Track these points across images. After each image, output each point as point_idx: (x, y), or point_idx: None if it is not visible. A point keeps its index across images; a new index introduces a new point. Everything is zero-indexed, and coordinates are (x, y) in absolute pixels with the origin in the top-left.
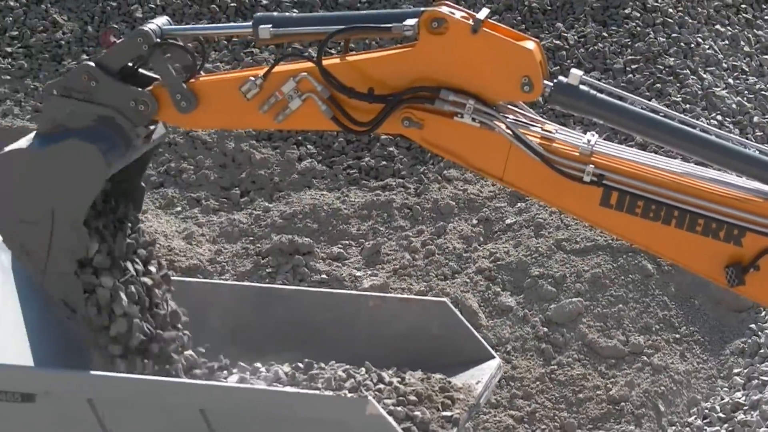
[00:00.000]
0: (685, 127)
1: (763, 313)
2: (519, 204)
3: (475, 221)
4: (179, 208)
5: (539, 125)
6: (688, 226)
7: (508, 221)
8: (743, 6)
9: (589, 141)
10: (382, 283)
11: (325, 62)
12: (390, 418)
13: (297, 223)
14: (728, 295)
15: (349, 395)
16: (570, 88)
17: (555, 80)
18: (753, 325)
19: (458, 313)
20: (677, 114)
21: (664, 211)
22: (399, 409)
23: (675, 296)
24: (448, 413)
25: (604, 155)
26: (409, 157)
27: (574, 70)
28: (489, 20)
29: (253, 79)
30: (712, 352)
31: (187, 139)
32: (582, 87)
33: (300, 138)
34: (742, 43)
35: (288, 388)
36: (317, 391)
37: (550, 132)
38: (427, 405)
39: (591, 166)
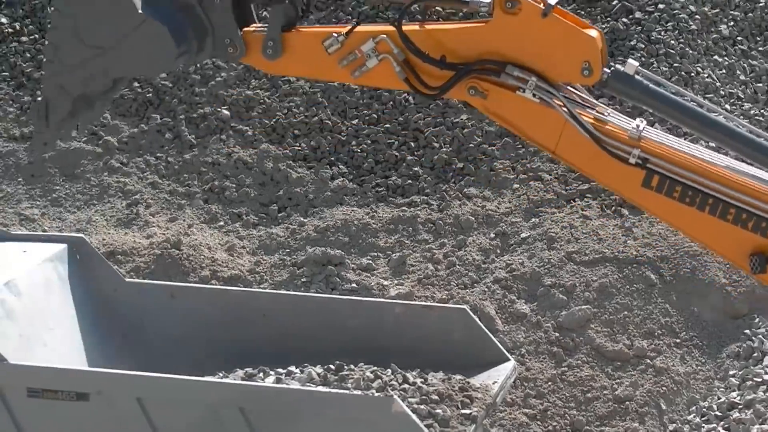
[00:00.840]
0: (728, 124)
1: (757, 319)
2: (533, 219)
3: (492, 235)
4: (222, 223)
5: (594, 108)
6: (720, 213)
7: (523, 235)
8: (739, 38)
9: (638, 126)
10: (408, 292)
11: (404, 27)
12: (414, 416)
13: (329, 236)
14: (725, 303)
15: (376, 394)
16: (626, 76)
17: (612, 68)
18: (747, 331)
19: (477, 319)
20: (723, 111)
21: (700, 198)
22: (422, 407)
23: (676, 304)
24: (467, 411)
25: (650, 140)
26: (432, 176)
27: (630, 61)
28: (558, 6)
29: (336, 35)
30: (709, 355)
31: (229, 160)
32: (637, 77)
33: (333, 159)
34: (738, 72)
35: (320, 388)
36: (347, 391)
37: (602, 114)
38: (447, 403)
39: (637, 150)
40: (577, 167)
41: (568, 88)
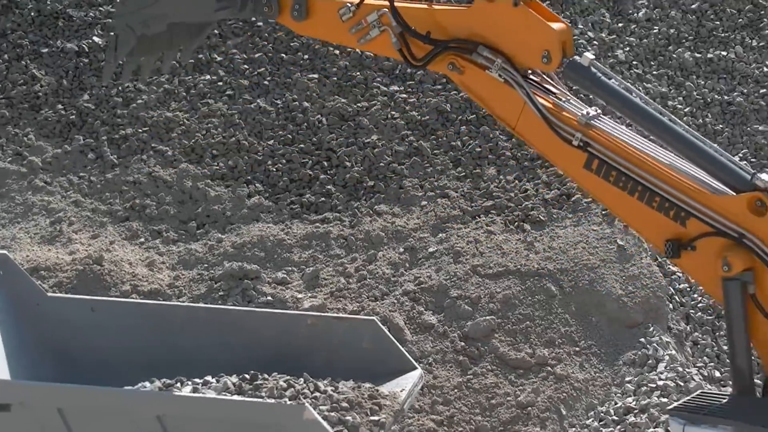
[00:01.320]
0: (666, 121)
1: (651, 328)
2: (440, 234)
3: (401, 249)
4: (142, 239)
5: (561, 96)
6: (647, 200)
7: (430, 249)
8: (635, 63)
9: (587, 113)
10: (321, 304)
11: (399, 4)
12: (324, 423)
13: (246, 251)
14: (621, 313)
15: (288, 402)
16: (581, 67)
17: (570, 59)
18: (642, 339)
19: (385, 329)
20: (670, 114)
21: (631, 184)
22: (332, 414)
23: (575, 314)
24: (376, 418)
25: (598, 128)
26: (344, 194)
27: (587, 53)
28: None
29: (349, 5)
30: (607, 362)
31: (150, 179)
32: (591, 69)
33: (249, 177)
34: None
35: (235, 397)
36: (261, 399)
37: (561, 100)
38: (357, 410)
39: (579, 133)
40: (532, 145)
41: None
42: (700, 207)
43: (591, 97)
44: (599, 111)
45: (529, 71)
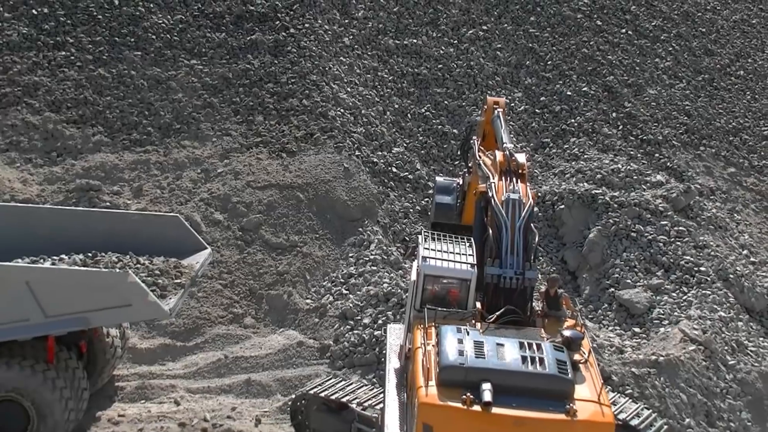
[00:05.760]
0: None
1: (366, 221)
2: (225, 161)
3: (199, 170)
4: (18, 164)
5: None
6: None
7: (219, 170)
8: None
9: None
10: (143, 207)
11: None
12: (142, 284)
13: (92, 173)
14: (346, 212)
15: (117, 271)
16: None
17: None
18: (360, 229)
19: (187, 223)
20: None
21: None
22: (148, 278)
23: (316, 213)
24: (179, 281)
25: None
26: (159, 134)
27: None
28: None
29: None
30: (337, 244)
31: (23, 123)
32: None
33: (93, 122)
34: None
35: (81, 268)
36: (99, 269)
37: None
38: (165, 276)
39: None
40: None
41: None
42: None
43: None
44: None
45: None
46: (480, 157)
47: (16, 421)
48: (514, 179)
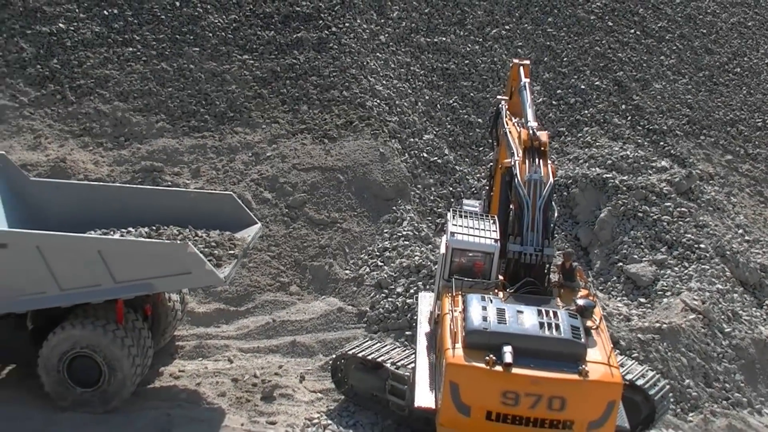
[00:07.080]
0: None
1: (399, 201)
2: (273, 145)
3: (250, 154)
4: (91, 148)
5: None
6: None
7: (268, 154)
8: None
9: None
10: (201, 186)
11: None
12: (200, 254)
13: (155, 155)
14: (382, 192)
15: (178, 242)
16: None
17: None
18: (394, 207)
19: (239, 200)
20: None
21: None
22: (205, 249)
23: (354, 193)
24: (232, 252)
25: None
26: (215, 121)
27: None
28: None
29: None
30: (373, 221)
31: (95, 111)
32: None
33: (156, 110)
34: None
35: (146, 239)
36: (162, 240)
37: None
38: (221, 248)
39: None
40: None
41: None
42: None
43: None
44: None
45: None
46: (507, 124)
47: (91, 374)
48: (537, 158)
